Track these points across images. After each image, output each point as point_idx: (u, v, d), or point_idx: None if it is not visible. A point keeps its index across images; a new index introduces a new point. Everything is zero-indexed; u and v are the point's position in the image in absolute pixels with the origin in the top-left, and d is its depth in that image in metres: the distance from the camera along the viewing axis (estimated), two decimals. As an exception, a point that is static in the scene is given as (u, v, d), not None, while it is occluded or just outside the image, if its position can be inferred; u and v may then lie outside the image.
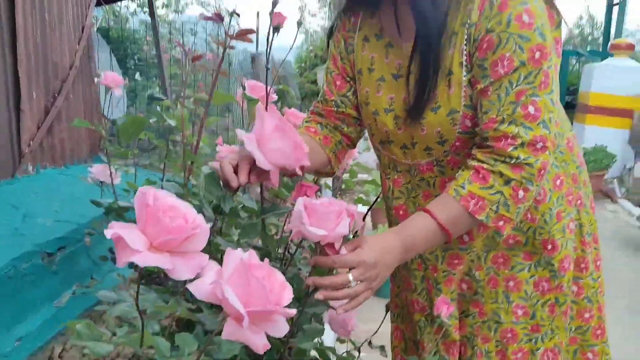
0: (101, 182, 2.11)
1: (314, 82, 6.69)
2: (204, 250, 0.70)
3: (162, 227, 0.67)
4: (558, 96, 1.00)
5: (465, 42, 0.96)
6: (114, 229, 0.67)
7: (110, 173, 2.05)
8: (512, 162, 0.92)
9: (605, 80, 6.02)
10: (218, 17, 1.22)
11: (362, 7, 1.12)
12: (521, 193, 0.93)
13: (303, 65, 7.71)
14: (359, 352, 1.19)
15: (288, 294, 0.68)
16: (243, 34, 1.19)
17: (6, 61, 2.82)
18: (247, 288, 0.64)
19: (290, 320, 0.92)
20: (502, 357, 1.12)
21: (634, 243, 4.16)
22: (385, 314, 1.22)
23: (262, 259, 0.69)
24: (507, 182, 0.93)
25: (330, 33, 1.21)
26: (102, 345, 0.72)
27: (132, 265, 1.98)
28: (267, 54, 1.53)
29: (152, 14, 5.03)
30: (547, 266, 1.10)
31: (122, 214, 2.04)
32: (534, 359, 1.12)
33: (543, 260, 1.10)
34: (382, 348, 1.21)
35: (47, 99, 3.18)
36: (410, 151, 1.11)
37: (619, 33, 6.70)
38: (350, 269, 0.87)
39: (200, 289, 0.65)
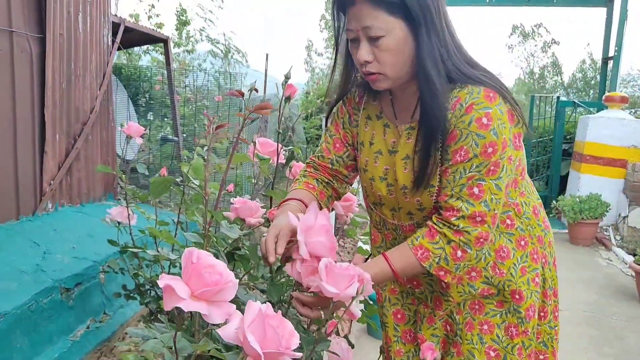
0: (118, 222, 2.28)
1: (319, 127, 6.92)
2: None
3: (203, 281, 0.84)
4: (510, 179, 1.20)
5: (440, 133, 1.17)
6: (165, 280, 0.84)
7: (128, 215, 2.22)
8: (454, 228, 1.15)
9: (599, 131, 6.25)
10: (239, 94, 1.41)
11: (365, 91, 1.33)
12: (459, 253, 1.15)
13: (308, 108, 7.98)
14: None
15: (296, 340, 0.84)
16: (260, 109, 1.37)
17: (34, 108, 3.05)
18: (263, 334, 0.81)
19: None
20: None
21: (626, 291, 4.28)
22: (379, 356, 1.37)
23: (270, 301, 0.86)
24: (449, 242, 1.15)
25: (329, 112, 1.44)
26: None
27: (142, 302, 2.13)
28: (279, 120, 1.73)
29: (167, 62, 5.28)
30: (515, 313, 1.27)
31: (137, 254, 2.21)
32: None
33: (512, 308, 1.27)
34: (377, 387, 1.36)
35: (68, 141, 3.39)
36: (397, 213, 1.32)
37: (613, 86, 6.95)
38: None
39: (227, 333, 0.82)
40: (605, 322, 3.63)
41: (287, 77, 1.61)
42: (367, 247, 1.88)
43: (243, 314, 0.85)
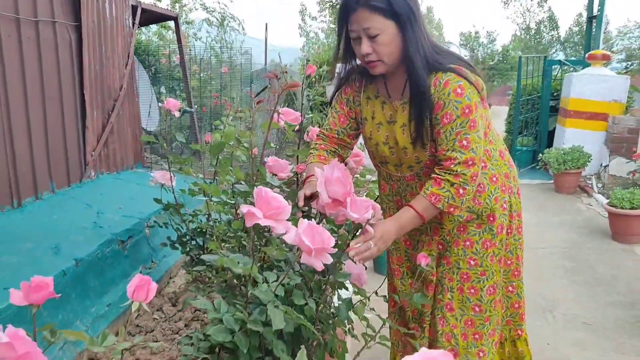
0: (162, 184, 2.74)
1: (323, 94, 7.33)
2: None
3: (270, 206, 1.32)
4: (483, 131, 1.64)
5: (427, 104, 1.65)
6: (245, 207, 1.32)
7: (171, 177, 2.69)
8: (454, 173, 1.55)
9: (582, 87, 6.69)
10: (274, 76, 1.86)
11: (363, 77, 1.79)
12: (461, 191, 1.56)
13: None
14: (368, 299, 1.83)
15: (332, 241, 1.32)
16: (290, 87, 1.83)
17: (75, 89, 3.49)
18: (313, 236, 1.29)
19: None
20: (460, 291, 1.77)
21: (602, 230, 4.80)
22: (384, 279, 1.88)
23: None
24: (452, 184, 1.55)
25: (333, 95, 1.88)
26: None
27: (184, 251, 2.65)
28: (301, 109, 2.18)
29: (178, 38, 5.66)
30: (489, 231, 1.75)
31: (179, 209, 2.69)
32: (481, 293, 1.77)
33: (487, 228, 1.75)
34: (384, 297, 1.85)
35: (103, 117, 3.84)
36: (399, 168, 1.76)
37: (596, 44, 7.35)
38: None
39: (289, 237, 1.30)
40: (579, 256, 4.17)
41: (307, 60, 2.06)
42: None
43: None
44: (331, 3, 13.65)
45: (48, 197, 3.19)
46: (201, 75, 7.05)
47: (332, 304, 1.73)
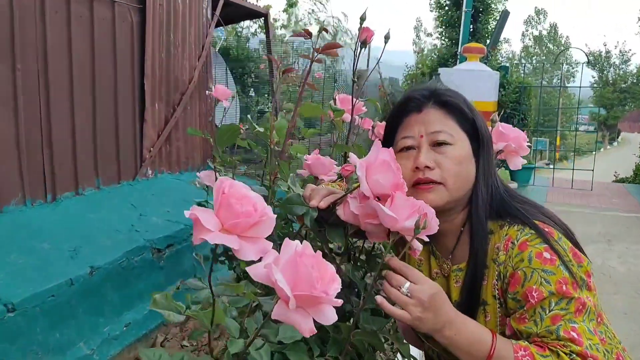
0: (207, 186, 2.29)
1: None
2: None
3: (233, 212, 0.75)
4: (596, 323, 1.01)
5: (496, 277, 1.06)
6: (193, 211, 0.76)
7: (216, 178, 2.21)
8: (569, 356, 0.94)
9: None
10: (307, 34, 1.30)
11: None
12: None
13: (411, 82, 7.75)
14: None
15: (336, 285, 0.73)
16: (328, 48, 1.26)
17: (134, 76, 3.16)
18: (296, 274, 0.70)
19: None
20: None
21: None
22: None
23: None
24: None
25: None
26: (175, 315, 0.81)
27: (231, 267, 2.07)
28: (353, 67, 1.60)
29: (267, 33, 5.31)
30: None
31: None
32: None
33: None
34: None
35: (167, 110, 3.50)
36: None
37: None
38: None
39: (256, 271, 0.72)
40: None
41: (362, 19, 1.48)
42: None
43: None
44: (449, 21, 12.81)
45: (90, 194, 2.86)
46: (278, 75, 6.69)
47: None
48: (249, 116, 1.86)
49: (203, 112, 3.94)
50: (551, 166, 10.02)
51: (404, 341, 1.19)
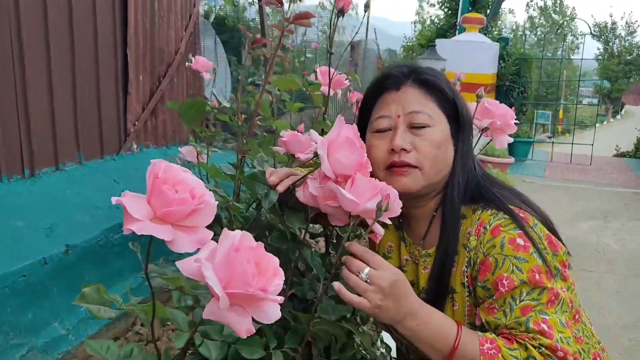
0: (189, 162, 2.21)
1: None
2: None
3: (165, 199, 0.67)
4: (569, 316, 0.95)
5: (466, 264, 1.00)
6: (122, 197, 0.68)
7: (197, 154, 2.13)
8: (538, 350, 0.88)
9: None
10: (279, 2, 1.21)
11: None
12: None
13: (410, 54, 7.60)
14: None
15: (278, 280, 0.66)
16: (299, 18, 1.18)
17: (117, 47, 3.05)
18: (230, 270, 0.63)
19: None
20: None
21: None
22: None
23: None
24: (529, 357, 0.88)
25: None
26: (106, 310, 0.74)
27: None
28: (329, 38, 1.51)
29: (260, 6, 5.16)
30: None
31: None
32: None
33: None
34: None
35: (152, 82, 3.39)
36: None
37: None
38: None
39: (187, 266, 0.65)
40: None
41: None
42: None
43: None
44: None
45: (71, 169, 2.78)
46: (294, 54, 6.58)
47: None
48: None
49: (192, 85, 3.83)
50: (553, 140, 9.91)
51: (371, 331, 1.13)
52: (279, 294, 0.67)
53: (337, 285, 0.89)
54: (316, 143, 0.99)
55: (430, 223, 1.09)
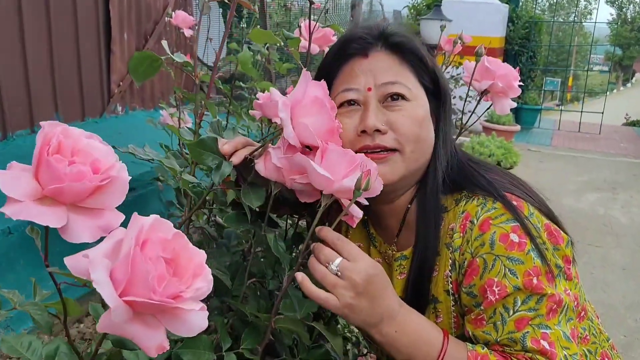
0: (167, 125, 2.06)
1: (417, 33, 6.32)
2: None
3: (55, 173, 0.51)
4: (574, 324, 0.81)
5: (449, 267, 0.83)
6: (5, 172, 0.53)
7: (179, 118, 1.97)
8: None
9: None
10: None
11: None
12: None
13: (414, 15, 7.30)
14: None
15: (201, 282, 0.50)
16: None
17: (98, 2, 2.84)
18: (133, 269, 0.47)
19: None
20: None
21: None
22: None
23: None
24: None
25: None
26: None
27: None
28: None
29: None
30: None
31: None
32: None
33: None
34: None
35: (138, 41, 3.20)
36: None
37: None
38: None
39: (75, 263, 0.50)
40: None
41: None
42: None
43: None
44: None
45: (49, 132, 2.62)
46: (289, 11, 6.30)
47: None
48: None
49: (182, 44, 3.63)
50: (561, 108, 9.64)
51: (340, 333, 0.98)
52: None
53: (300, 276, 0.74)
54: (277, 103, 0.82)
55: (403, 219, 0.91)
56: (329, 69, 0.91)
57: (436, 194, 0.86)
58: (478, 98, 1.23)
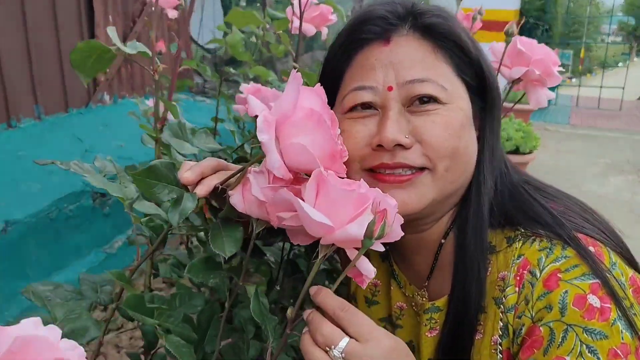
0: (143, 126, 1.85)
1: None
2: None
3: None
4: None
5: (499, 332, 0.62)
6: None
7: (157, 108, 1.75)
8: None
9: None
10: None
11: None
12: None
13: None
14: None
15: None
16: None
17: (77, -20, 2.60)
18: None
19: None
20: None
21: None
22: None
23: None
24: None
25: None
26: None
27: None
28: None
29: None
30: None
31: (168, 152, 1.76)
32: None
33: None
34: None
35: (125, 24, 2.96)
36: None
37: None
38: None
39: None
40: None
41: None
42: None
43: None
44: None
45: (28, 126, 2.41)
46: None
47: None
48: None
49: (174, 25, 3.38)
50: (574, 80, 9.28)
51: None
52: None
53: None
54: (256, 116, 0.58)
55: (436, 256, 0.68)
56: (337, 59, 0.67)
57: (480, 229, 0.63)
58: (507, 88, 0.99)
